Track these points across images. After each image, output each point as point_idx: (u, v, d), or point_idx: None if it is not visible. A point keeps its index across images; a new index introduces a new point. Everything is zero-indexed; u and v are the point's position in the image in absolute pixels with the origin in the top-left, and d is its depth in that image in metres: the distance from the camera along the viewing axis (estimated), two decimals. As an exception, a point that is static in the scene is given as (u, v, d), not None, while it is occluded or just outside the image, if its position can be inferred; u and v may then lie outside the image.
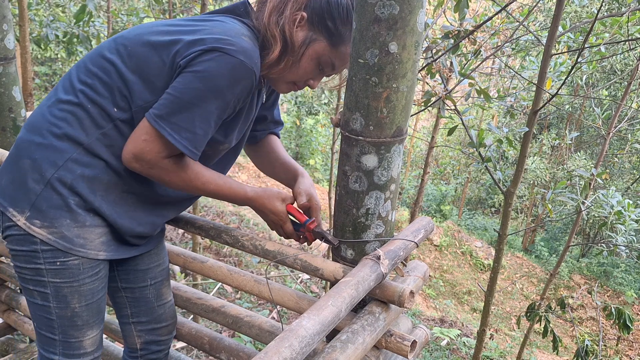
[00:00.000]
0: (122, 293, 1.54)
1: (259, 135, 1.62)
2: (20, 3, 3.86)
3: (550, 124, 14.52)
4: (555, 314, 3.89)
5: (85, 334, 1.35)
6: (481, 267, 11.67)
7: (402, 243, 1.34)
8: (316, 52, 1.29)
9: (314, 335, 0.99)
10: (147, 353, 1.61)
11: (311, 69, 1.32)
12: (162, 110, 1.16)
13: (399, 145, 1.30)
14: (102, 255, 1.31)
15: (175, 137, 1.16)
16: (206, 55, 1.14)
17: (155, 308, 1.57)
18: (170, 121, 1.16)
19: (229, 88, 1.16)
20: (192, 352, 4.28)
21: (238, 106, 1.26)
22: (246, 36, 1.21)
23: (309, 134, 15.12)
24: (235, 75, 1.16)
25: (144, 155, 1.19)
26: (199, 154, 1.22)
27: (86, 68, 1.26)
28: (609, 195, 3.65)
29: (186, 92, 1.15)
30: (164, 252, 1.59)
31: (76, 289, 1.29)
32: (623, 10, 3.87)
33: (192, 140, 1.18)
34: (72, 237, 1.25)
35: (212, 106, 1.17)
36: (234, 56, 1.15)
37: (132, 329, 1.58)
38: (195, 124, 1.17)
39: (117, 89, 1.22)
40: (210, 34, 1.17)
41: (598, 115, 4.20)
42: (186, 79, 1.15)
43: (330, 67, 1.33)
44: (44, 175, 1.22)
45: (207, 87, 1.14)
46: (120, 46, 1.25)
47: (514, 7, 4.98)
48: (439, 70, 2.86)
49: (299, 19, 1.26)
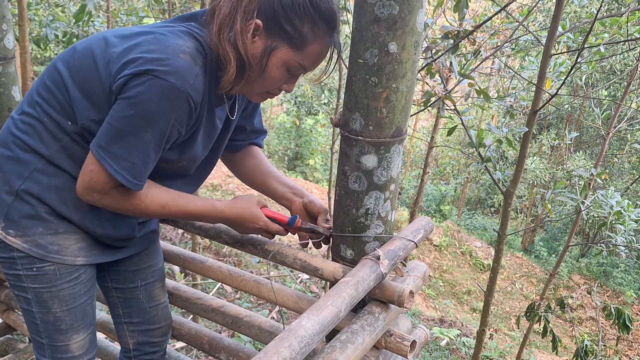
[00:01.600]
0: (113, 293, 1.54)
1: (239, 145, 1.54)
2: (20, 3, 3.86)
3: (550, 124, 14.52)
4: (554, 314, 3.89)
5: (70, 338, 1.35)
6: (481, 267, 11.67)
7: (401, 243, 1.34)
8: (281, 60, 1.19)
9: (314, 335, 0.99)
10: (140, 354, 1.60)
11: (280, 77, 1.23)
12: (102, 139, 1.13)
13: (399, 145, 1.30)
14: (80, 261, 1.31)
15: (114, 167, 1.12)
16: (136, 79, 1.08)
17: (147, 309, 1.56)
18: (109, 151, 1.12)
19: (161, 114, 1.10)
20: (191, 352, 4.28)
21: (183, 130, 1.18)
22: (186, 53, 1.11)
23: (308, 134, 15.11)
24: (168, 100, 1.09)
25: (92, 185, 1.16)
26: (141, 183, 1.17)
27: (42, 80, 1.24)
28: (608, 196, 3.66)
29: (120, 120, 1.10)
30: (156, 254, 1.57)
31: (55, 294, 1.29)
32: (622, 11, 3.87)
33: (131, 170, 1.14)
34: (46, 245, 1.25)
35: (146, 134, 1.11)
36: (164, 79, 1.07)
37: (124, 329, 1.57)
38: (133, 154, 1.12)
39: (66, 103, 1.20)
40: (145, 52, 1.10)
41: (597, 116, 4.21)
42: (120, 106, 1.10)
43: (300, 69, 1.23)
44: (12, 187, 1.23)
45: (139, 114, 1.09)
46: (70, 58, 1.21)
47: (514, 7, 4.98)
48: (438, 70, 2.86)
49: (254, 28, 1.15)
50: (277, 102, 17.63)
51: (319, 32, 1.19)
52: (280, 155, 15.76)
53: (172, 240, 6.87)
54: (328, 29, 1.20)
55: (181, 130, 1.18)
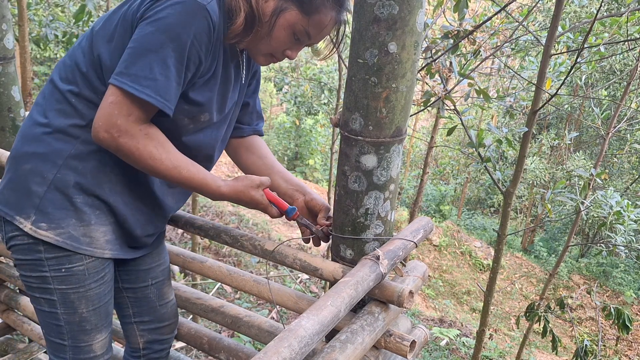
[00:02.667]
0: (123, 293, 1.54)
1: (245, 130, 1.56)
2: (20, 3, 3.86)
3: (550, 124, 14.53)
4: (554, 314, 3.90)
5: (94, 338, 1.35)
6: (480, 267, 11.68)
7: (401, 243, 1.34)
8: (288, 22, 1.23)
9: (313, 336, 0.99)
10: (149, 352, 1.61)
11: (285, 39, 1.26)
12: (121, 66, 1.11)
13: (398, 145, 1.30)
14: (107, 254, 1.31)
15: (137, 87, 1.09)
16: (158, 2, 1.11)
17: (157, 307, 1.57)
18: (129, 73, 1.10)
19: (181, 27, 1.10)
20: (191, 352, 4.28)
21: (203, 55, 1.18)
22: None
23: (308, 134, 15.12)
24: (187, 14, 1.10)
25: (112, 119, 1.11)
26: (169, 105, 1.14)
27: (64, 64, 1.26)
28: (608, 196, 3.66)
29: (140, 40, 1.11)
30: (164, 251, 1.60)
31: (83, 295, 1.29)
32: (622, 11, 3.87)
33: (155, 88, 1.10)
34: (79, 237, 1.25)
35: (167, 49, 1.10)
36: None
37: (134, 328, 1.58)
38: (155, 70, 1.10)
39: (93, 71, 1.21)
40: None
41: (597, 116, 4.21)
42: (140, 28, 1.12)
43: (305, 36, 1.26)
44: (45, 177, 1.22)
45: (159, 29, 1.10)
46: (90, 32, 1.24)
47: (514, 7, 4.98)
48: (438, 70, 2.86)
49: None
50: (277, 102, 17.64)
51: (328, 4, 1.23)
52: (280, 155, 15.77)
53: (172, 240, 6.87)
54: (336, 3, 1.24)
55: (201, 55, 1.17)
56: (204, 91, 1.25)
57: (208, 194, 1.29)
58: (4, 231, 1.28)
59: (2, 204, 1.26)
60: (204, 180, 1.26)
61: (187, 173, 1.22)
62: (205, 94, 1.26)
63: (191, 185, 1.25)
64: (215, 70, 1.26)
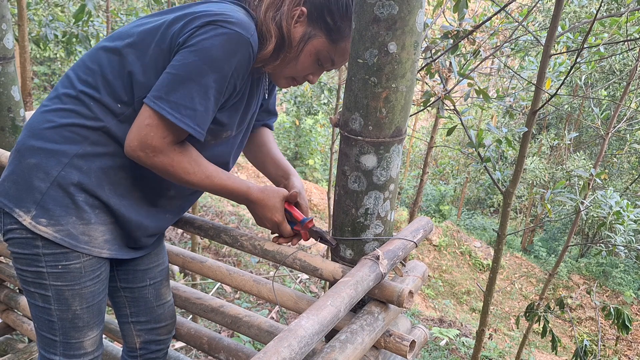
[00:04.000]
0: (121, 293, 1.54)
1: (255, 125, 1.60)
2: (19, 2, 3.85)
3: (549, 124, 14.54)
4: (554, 314, 3.89)
5: (85, 335, 1.35)
6: (480, 267, 11.68)
7: (401, 243, 1.34)
8: (315, 48, 1.28)
9: (313, 335, 0.99)
10: (146, 352, 1.61)
11: (310, 65, 1.31)
12: (160, 90, 1.13)
13: (398, 145, 1.30)
14: (105, 254, 1.31)
15: (176, 115, 1.13)
16: (201, 29, 1.12)
17: (154, 308, 1.57)
18: (169, 100, 1.12)
19: (225, 59, 1.14)
20: (191, 352, 4.28)
21: (239, 83, 1.22)
22: (243, 13, 1.19)
23: (308, 133, 15.12)
24: (231, 46, 1.13)
25: (148, 140, 1.15)
26: (204, 133, 1.19)
27: (85, 66, 1.26)
28: (607, 196, 3.66)
29: (182, 67, 1.12)
30: (163, 252, 1.60)
31: (77, 292, 1.29)
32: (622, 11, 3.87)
33: (194, 118, 1.15)
34: (78, 235, 1.25)
35: (209, 79, 1.13)
36: (229, 28, 1.13)
37: (131, 328, 1.58)
38: (195, 100, 1.14)
39: (120, 82, 1.22)
40: (206, 10, 1.16)
41: (597, 116, 4.21)
42: (182, 55, 1.13)
43: (329, 62, 1.32)
44: (49, 173, 1.22)
45: (203, 59, 1.12)
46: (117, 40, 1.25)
47: (513, 7, 4.99)
48: (438, 70, 2.86)
49: (299, 14, 1.25)
50: (277, 102, 17.63)
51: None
52: (279, 155, 15.74)
53: (172, 240, 6.87)
54: None
55: (237, 83, 1.21)
56: (231, 112, 1.30)
57: (238, 197, 1.34)
58: (3, 222, 1.28)
59: (2, 195, 1.26)
60: (234, 186, 1.32)
61: (218, 180, 1.28)
62: (231, 115, 1.30)
63: (223, 190, 1.31)
64: (244, 94, 1.30)
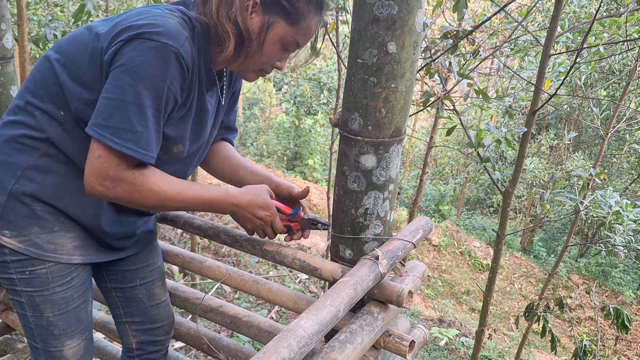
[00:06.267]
0: (113, 293, 1.54)
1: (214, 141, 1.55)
2: (19, 2, 3.85)
3: (549, 124, 14.54)
4: (553, 314, 3.90)
5: (64, 344, 1.34)
6: (480, 267, 11.68)
7: (400, 243, 1.34)
8: (278, 35, 1.23)
9: (313, 335, 0.99)
10: (143, 353, 1.60)
11: (276, 52, 1.26)
12: (98, 117, 1.09)
13: (398, 145, 1.30)
14: (76, 260, 1.30)
15: (117, 141, 1.08)
16: (127, 45, 1.08)
17: (148, 308, 1.56)
18: (108, 126, 1.08)
19: (156, 75, 1.09)
20: (190, 352, 4.28)
21: (179, 95, 1.17)
22: (172, 19, 1.13)
23: (307, 134, 15.12)
24: (160, 60, 1.08)
25: (103, 172, 1.11)
26: (152, 155, 1.14)
27: (33, 75, 1.24)
28: (607, 196, 3.66)
29: (115, 90, 1.08)
30: (154, 252, 1.57)
31: (47, 298, 1.28)
32: (621, 11, 3.88)
33: (136, 141, 1.09)
34: (42, 244, 1.24)
35: (144, 98, 1.09)
36: (155, 40, 1.08)
37: (126, 328, 1.57)
38: (133, 122, 1.09)
39: (57, 91, 1.19)
40: (132, 22, 1.11)
41: (596, 116, 4.21)
42: (113, 77, 1.09)
43: (294, 45, 1.27)
44: (5, 186, 1.22)
45: (134, 78, 1.08)
46: (58, 47, 1.23)
47: (513, 7, 4.99)
48: (437, 70, 2.86)
49: (252, 4, 1.19)
50: (277, 102, 17.63)
51: (312, 8, 1.24)
52: (279, 155, 15.77)
53: (171, 240, 6.87)
54: (318, 6, 1.25)
55: (177, 96, 1.16)
56: (178, 125, 1.24)
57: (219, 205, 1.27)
58: None
59: None
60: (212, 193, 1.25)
61: (192, 193, 1.22)
62: (179, 128, 1.25)
63: (201, 202, 1.24)
64: (190, 105, 1.25)
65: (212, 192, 1.25)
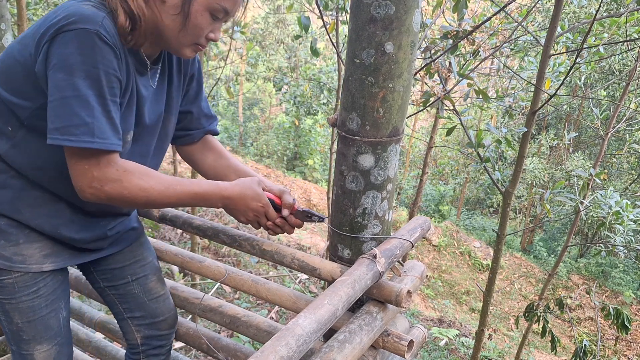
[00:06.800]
0: (107, 292, 1.55)
1: (195, 134, 1.52)
2: (19, 2, 3.85)
3: (549, 124, 14.55)
4: (553, 314, 3.90)
5: (34, 348, 1.36)
6: (480, 267, 11.68)
7: (398, 242, 1.35)
8: (202, 5, 1.19)
9: (311, 334, 0.99)
10: (148, 348, 1.61)
11: (205, 23, 1.22)
12: (51, 123, 1.08)
13: (396, 145, 1.30)
14: (47, 267, 1.30)
15: (72, 139, 1.06)
16: (52, 45, 1.07)
17: (147, 302, 1.56)
18: (59, 128, 1.07)
19: (86, 61, 1.07)
20: (190, 352, 4.28)
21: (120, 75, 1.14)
22: (85, 3, 1.11)
23: (307, 134, 15.13)
24: (84, 46, 1.06)
25: (87, 174, 1.11)
26: (112, 142, 1.11)
27: None
28: (607, 196, 3.66)
29: (54, 91, 1.07)
30: (143, 249, 1.57)
31: (15, 306, 1.30)
32: (621, 11, 3.88)
33: (90, 133, 1.07)
34: (10, 256, 1.25)
35: (82, 88, 1.07)
36: (74, 29, 1.06)
37: (129, 324, 1.58)
38: (81, 115, 1.07)
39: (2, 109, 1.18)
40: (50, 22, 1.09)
41: (596, 116, 4.21)
42: (50, 79, 1.08)
43: (223, 12, 1.22)
44: None
45: (67, 72, 1.06)
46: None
47: (513, 7, 4.99)
48: (437, 70, 2.86)
49: None
50: (276, 102, 17.64)
51: None
52: (279, 155, 15.77)
53: (171, 240, 6.87)
54: None
55: (117, 75, 1.13)
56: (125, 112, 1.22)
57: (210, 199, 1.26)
58: None
59: None
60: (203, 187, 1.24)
61: (182, 187, 1.20)
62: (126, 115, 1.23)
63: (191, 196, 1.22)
64: (132, 89, 1.23)
65: (203, 186, 1.24)
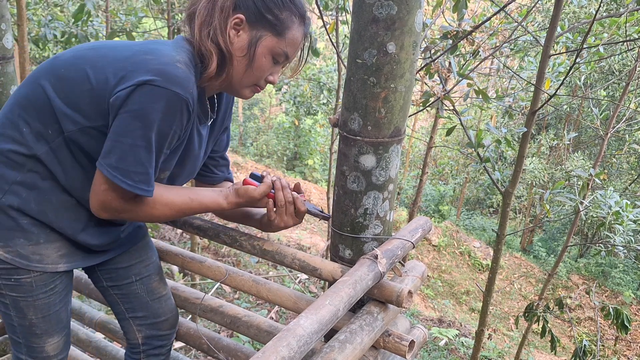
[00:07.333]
0: (110, 291, 1.56)
1: (217, 178, 1.61)
2: (19, 2, 3.85)
3: (549, 124, 14.55)
4: (553, 314, 3.90)
5: (45, 341, 1.40)
6: (479, 267, 11.69)
7: (399, 242, 1.35)
8: (267, 48, 1.28)
9: (312, 334, 0.99)
10: (149, 348, 1.62)
11: (267, 65, 1.31)
12: (110, 157, 1.15)
13: (397, 145, 1.30)
14: (62, 268, 1.34)
15: (129, 182, 1.16)
16: (138, 91, 1.12)
17: (149, 302, 1.57)
18: (121, 168, 1.15)
19: (164, 121, 1.14)
20: (190, 352, 4.28)
21: (182, 135, 1.24)
22: (180, 62, 1.17)
23: (307, 134, 15.13)
24: (170, 108, 1.14)
25: (107, 203, 1.20)
26: (152, 189, 1.22)
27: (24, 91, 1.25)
28: (607, 196, 3.66)
29: (126, 134, 1.13)
30: (147, 249, 1.60)
31: (31, 303, 1.33)
32: (621, 11, 3.88)
33: (146, 181, 1.18)
34: (28, 255, 1.28)
35: (152, 140, 1.16)
36: (166, 88, 1.12)
37: (130, 324, 1.59)
38: (145, 164, 1.17)
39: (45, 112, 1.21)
40: (141, 65, 1.14)
41: (596, 116, 4.21)
42: (124, 120, 1.13)
43: (283, 56, 1.31)
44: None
45: (146, 125, 1.13)
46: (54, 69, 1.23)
47: (513, 7, 4.99)
48: (437, 70, 2.86)
49: (237, 22, 1.24)
50: (276, 102, 17.63)
51: (295, 19, 1.28)
52: (279, 156, 15.77)
53: (171, 240, 6.87)
54: (301, 16, 1.30)
55: (180, 135, 1.22)
56: (169, 156, 1.30)
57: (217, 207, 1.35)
58: None
59: None
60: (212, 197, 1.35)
61: (188, 207, 1.31)
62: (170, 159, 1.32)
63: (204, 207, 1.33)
64: (184, 139, 1.31)
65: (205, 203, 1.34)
